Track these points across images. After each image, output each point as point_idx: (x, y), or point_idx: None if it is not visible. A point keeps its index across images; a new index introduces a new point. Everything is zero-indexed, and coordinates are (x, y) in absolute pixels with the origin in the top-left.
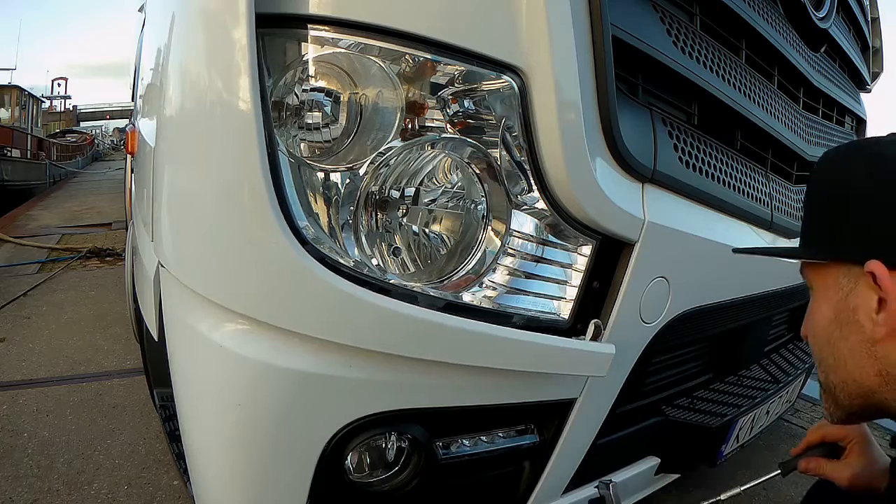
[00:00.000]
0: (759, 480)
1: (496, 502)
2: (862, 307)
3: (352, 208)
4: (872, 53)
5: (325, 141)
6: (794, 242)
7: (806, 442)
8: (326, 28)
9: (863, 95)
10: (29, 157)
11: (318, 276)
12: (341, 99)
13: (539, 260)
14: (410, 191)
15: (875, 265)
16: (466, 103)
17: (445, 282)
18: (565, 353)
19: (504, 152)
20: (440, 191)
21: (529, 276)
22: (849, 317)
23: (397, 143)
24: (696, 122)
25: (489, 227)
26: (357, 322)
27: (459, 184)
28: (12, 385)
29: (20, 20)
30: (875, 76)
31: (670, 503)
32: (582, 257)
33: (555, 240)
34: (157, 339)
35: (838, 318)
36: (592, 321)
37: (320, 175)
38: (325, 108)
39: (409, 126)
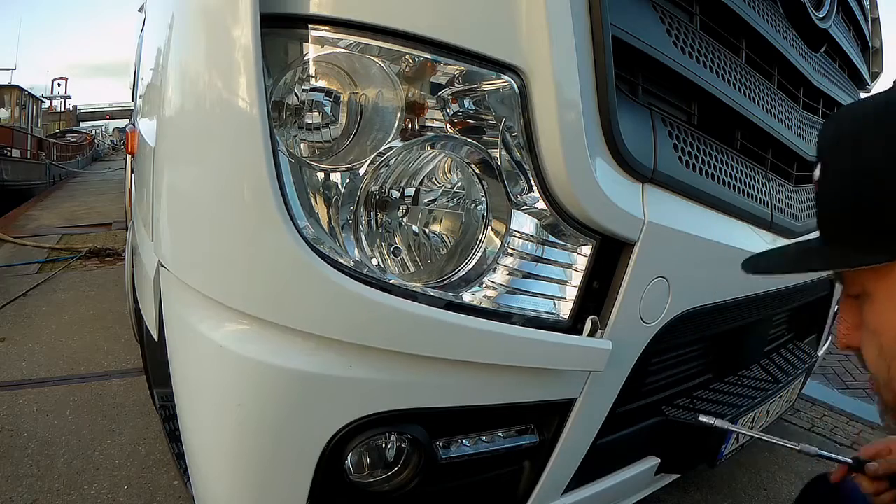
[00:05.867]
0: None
1: (496, 502)
2: None
3: (352, 208)
4: (872, 53)
5: (325, 141)
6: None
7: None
8: (326, 28)
9: (863, 95)
10: (29, 156)
11: (323, 273)
12: (341, 99)
13: (539, 260)
14: (410, 191)
15: None
16: (466, 103)
17: (445, 282)
18: (563, 350)
19: (504, 152)
20: (440, 191)
21: (529, 276)
22: None
23: (397, 143)
24: (696, 122)
25: (489, 227)
26: (360, 318)
27: (459, 184)
28: (12, 385)
29: (20, 20)
30: (875, 76)
31: (670, 503)
32: (582, 257)
33: (555, 240)
34: (157, 339)
35: None
36: (589, 318)
37: (320, 175)
38: (325, 108)
39: (409, 126)
